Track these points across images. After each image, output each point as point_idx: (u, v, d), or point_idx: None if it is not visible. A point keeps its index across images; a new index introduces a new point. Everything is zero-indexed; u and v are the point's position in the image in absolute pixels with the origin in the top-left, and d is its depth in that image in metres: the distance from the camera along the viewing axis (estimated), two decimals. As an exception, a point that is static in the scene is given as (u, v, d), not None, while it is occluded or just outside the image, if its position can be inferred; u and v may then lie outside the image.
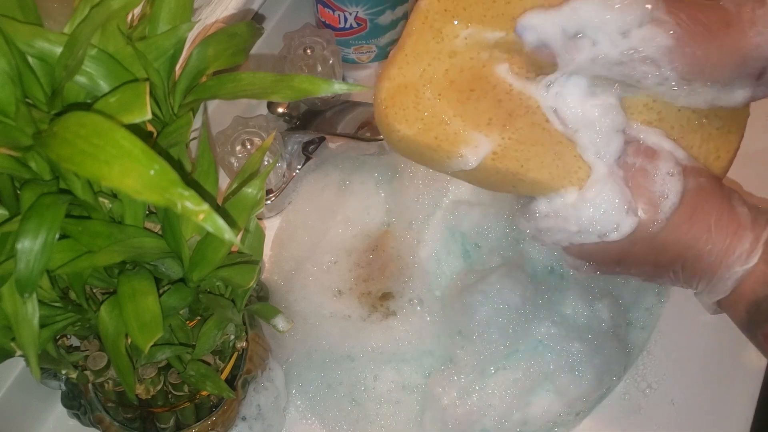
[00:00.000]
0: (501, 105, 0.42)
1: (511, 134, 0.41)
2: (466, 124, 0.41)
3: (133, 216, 0.33)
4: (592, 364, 0.52)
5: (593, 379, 0.52)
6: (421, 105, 0.41)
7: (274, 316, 0.43)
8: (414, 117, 0.41)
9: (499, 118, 0.41)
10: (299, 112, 0.61)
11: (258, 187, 0.34)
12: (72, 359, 0.39)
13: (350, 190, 0.62)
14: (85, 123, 0.24)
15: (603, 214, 0.40)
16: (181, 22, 0.33)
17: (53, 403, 0.53)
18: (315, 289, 0.57)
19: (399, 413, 0.54)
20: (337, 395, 0.54)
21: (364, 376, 0.54)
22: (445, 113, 0.41)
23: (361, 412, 0.54)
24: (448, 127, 0.41)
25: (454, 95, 0.41)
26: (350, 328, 0.56)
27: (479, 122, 0.41)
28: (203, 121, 0.39)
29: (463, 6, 0.42)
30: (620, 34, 0.40)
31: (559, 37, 0.41)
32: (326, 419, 0.54)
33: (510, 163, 0.41)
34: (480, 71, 0.42)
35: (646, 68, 0.41)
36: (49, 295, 0.34)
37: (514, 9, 0.42)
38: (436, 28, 0.42)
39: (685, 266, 0.42)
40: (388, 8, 0.63)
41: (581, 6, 0.40)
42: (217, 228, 0.22)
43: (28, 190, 0.28)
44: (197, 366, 0.40)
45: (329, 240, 0.60)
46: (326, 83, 0.31)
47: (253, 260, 0.37)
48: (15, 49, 0.28)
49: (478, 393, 0.52)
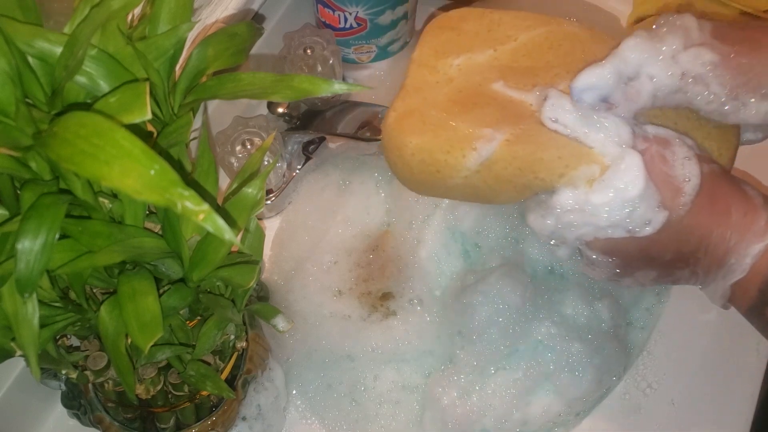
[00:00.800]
0: (506, 109, 0.42)
1: (522, 126, 0.42)
2: (476, 125, 0.42)
3: (133, 216, 0.33)
4: (593, 365, 0.52)
5: (593, 379, 0.52)
6: (428, 121, 0.43)
7: (274, 316, 0.43)
8: (423, 129, 0.42)
9: (506, 118, 0.42)
10: (299, 112, 0.61)
11: (258, 187, 0.34)
12: (72, 359, 0.39)
13: (350, 190, 0.62)
14: (85, 123, 0.24)
15: (632, 209, 0.40)
16: (181, 22, 0.33)
17: (53, 403, 0.53)
18: (315, 289, 0.57)
19: (399, 413, 0.54)
20: (336, 395, 0.54)
21: (364, 376, 0.54)
22: (452, 121, 0.42)
23: (360, 412, 0.54)
24: (458, 130, 0.42)
25: (457, 109, 0.43)
26: (350, 328, 0.56)
27: (488, 121, 0.42)
28: (203, 121, 0.39)
29: (451, 44, 0.45)
30: (671, 60, 0.41)
31: (618, 87, 0.41)
32: (326, 419, 0.54)
33: (526, 145, 0.41)
34: (478, 89, 0.44)
35: (698, 88, 0.42)
36: (49, 295, 0.34)
37: (497, 35, 0.45)
38: (431, 65, 0.45)
39: (708, 250, 0.42)
40: (388, 8, 0.63)
41: (629, 51, 0.41)
42: (217, 228, 0.22)
43: (28, 190, 0.28)
44: (197, 366, 0.40)
45: (329, 240, 0.60)
46: (326, 83, 0.31)
47: (253, 260, 0.37)
48: (15, 49, 0.28)
49: (478, 393, 0.52)
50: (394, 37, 0.66)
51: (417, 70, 0.45)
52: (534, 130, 0.41)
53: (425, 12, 0.72)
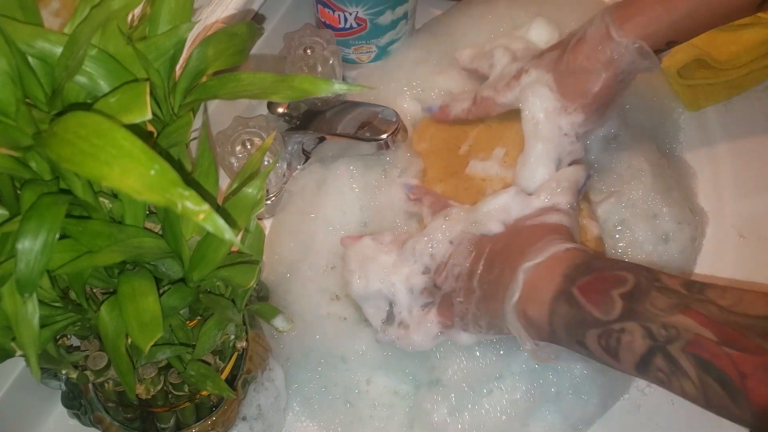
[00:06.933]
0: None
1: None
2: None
3: (133, 216, 0.33)
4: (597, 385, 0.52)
5: (599, 402, 0.52)
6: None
7: (274, 316, 0.43)
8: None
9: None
10: (299, 112, 0.61)
11: (258, 187, 0.34)
12: (72, 359, 0.39)
13: (350, 190, 0.62)
14: (86, 123, 0.24)
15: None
16: (181, 22, 0.33)
17: (53, 403, 0.53)
18: (312, 291, 0.57)
19: (393, 416, 0.53)
20: (332, 397, 0.54)
21: (357, 379, 0.54)
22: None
23: (355, 414, 0.53)
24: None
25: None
26: (346, 330, 0.55)
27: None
28: (203, 121, 0.39)
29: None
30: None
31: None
32: (321, 421, 0.54)
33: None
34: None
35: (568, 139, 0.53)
36: (49, 295, 0.34)
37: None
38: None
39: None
40: (388, 8, 0.63)
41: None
42: (217, 228, 0.22)
43: (29, 190, 0.28)
44: (197, 366, 0.40)
45: (329, 240, 0.60)
46: (326, 83, 0.31)
47: (253, 260, 0.37)
48: (15, 49, 0.28)
49: (470, 412, 0.51)
50: (394, 37, 0.66)
51: (425, 181, 0.60)
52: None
53: (425, 12, 0.72)
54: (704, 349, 0.36)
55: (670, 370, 0.37)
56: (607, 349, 0.40)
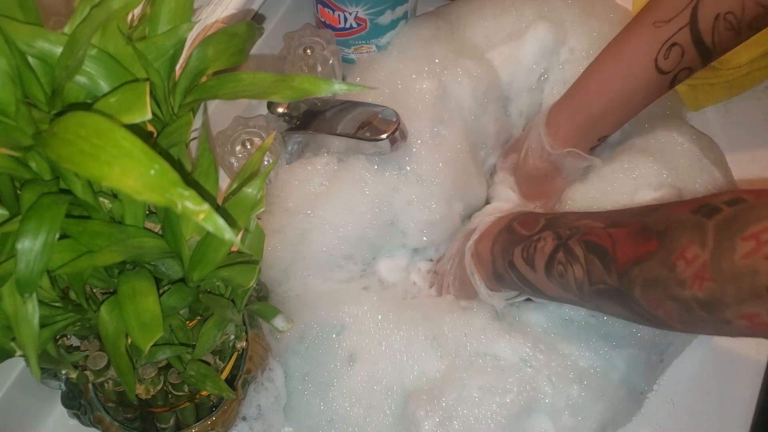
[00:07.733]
0: None
1: None
2: None
3: (133, 216, 0.33)
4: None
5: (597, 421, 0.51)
6: None
7: (274, 316, 0.43)
8: None
9: None
10: (299, 112, 0.61)
11: (258, 187, 0.34)
12: (72, 359, 0.39)
13: (350, 190, 0.62)
14: (86, 123, 0.24)
15: None
16: (181, 22, 0.33)
17: (53, 403, 0.53)
18: (310, 292, 0.57)
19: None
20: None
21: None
22: None
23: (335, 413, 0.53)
24: None
25: None
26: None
27: None
28: (203, 121, 0.39)
29: None
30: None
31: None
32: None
33: None
34: None
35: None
36: (49, 295, 0.34)
37: None
38: None
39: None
40: (388, 8, 0.63)
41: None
42: (217, 228, 0.22)
43: (29, 190, 0.28)
44: (197, 366, 0.40)
45: (328, 240, 0.59)
46: (326, 83, 0.31)
47: (253, 260, 0.37)
48: (15, 49, 0.28)
49: (462, 418, 0.50)
50: (394, 37, 0.66)
51: None
52: None
53: (425, 12, 0.72)
54: (593, 234, 0.42)
55: (567, 260, 0.43)
56: (527, 260, 0.46)
